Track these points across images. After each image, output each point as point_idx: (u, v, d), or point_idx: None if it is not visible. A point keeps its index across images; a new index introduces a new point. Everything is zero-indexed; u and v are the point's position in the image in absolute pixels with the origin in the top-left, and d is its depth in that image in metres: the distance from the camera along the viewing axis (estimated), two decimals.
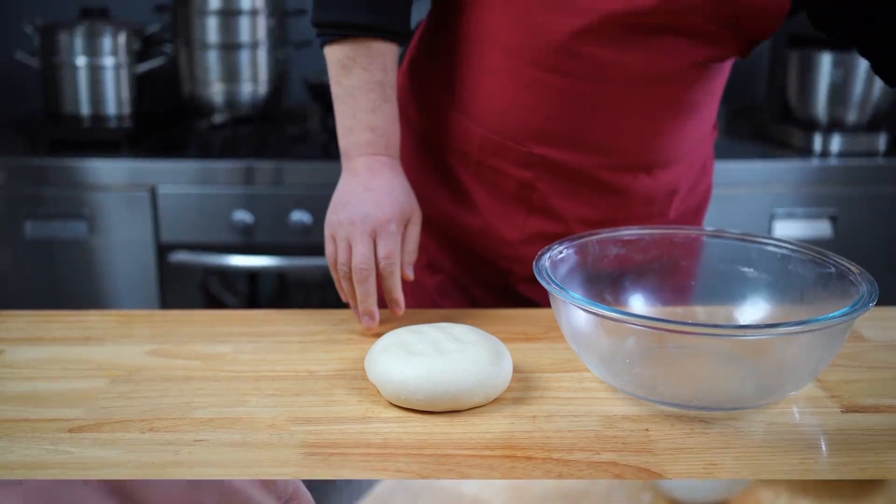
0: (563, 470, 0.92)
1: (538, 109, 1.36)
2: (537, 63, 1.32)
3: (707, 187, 1.60)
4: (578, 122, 1.35)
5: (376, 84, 1.31)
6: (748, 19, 1.28)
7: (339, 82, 1.33)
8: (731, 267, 1.24)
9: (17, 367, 1.17)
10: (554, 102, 1.34)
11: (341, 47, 1.31)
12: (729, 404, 1.05)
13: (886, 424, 1.02)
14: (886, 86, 1.37)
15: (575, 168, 1.39)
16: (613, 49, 1.29)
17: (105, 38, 2.74)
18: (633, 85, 1.33)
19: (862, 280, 1.07)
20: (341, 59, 1.31)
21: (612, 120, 1.36)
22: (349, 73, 1.31)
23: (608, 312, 1.01)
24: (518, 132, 1.37)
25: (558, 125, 1.36)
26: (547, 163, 1.39)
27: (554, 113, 1.35)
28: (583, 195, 1.42)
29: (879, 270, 1.21)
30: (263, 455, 0.95)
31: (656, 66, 1.32)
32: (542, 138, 1.37)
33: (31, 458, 0.94)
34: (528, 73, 1.34)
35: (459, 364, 1.05)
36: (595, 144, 1.37)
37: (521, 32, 1.32)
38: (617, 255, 1.26)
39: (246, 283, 2.74)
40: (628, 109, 1.35)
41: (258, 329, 1.29)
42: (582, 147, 1.37)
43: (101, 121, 2.78)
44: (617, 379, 1.08)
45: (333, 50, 1.32)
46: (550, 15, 1.29)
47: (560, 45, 1.29)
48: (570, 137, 1.37)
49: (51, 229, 2.54)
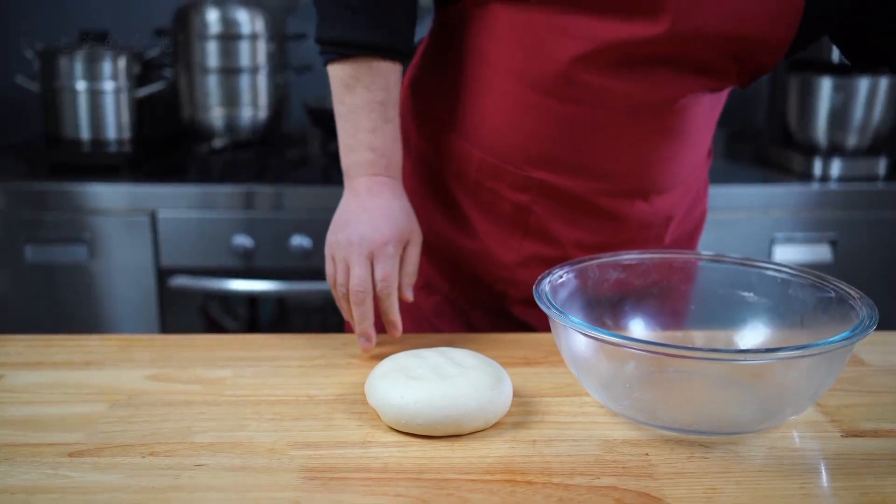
0: (564, 494, 0.92)
1: (536, 133, 1.36)
2: (537, 87, 1.32)
3: (702, 212, 1.61)
4: (576, 148, 1.36)
5: (378, 104, 1.31)
6: (752, 52, 1.29)
7: (341, 101, 1.33)
8: (730, 291, 1.24)
9: (16, 391, 1.17)
10: (552, 127, 1.34)
11: (343, 66, 1.31)
12: (729, 429, 1.04)
13: (887, 449, 1.02)
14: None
15: (572, 193, 1.39)
16: (613, 77, 1.29)
17: (105, 63, 2.75)
18: (631, 113, 1.33)
19: (862, 304, 1.07)
20: (344, 77, 1.31)
21: (610, 146, 1.36)
22: (352, 92, 1.31)
23: (608, 337, 1.01)
24: (516, 155, 1.38)
25: (556, 150, 1.36)
26: (544, 187, 1.39)
27: (552, 137, 1.35)
28: (579, 220, 1.42)
29: (879, 295, 1.22)
30: (263, 479, 0.95)
31: (656, 96, 1.32)
32: (539, 162, 1.37)
33: (31, 483, 0.94)
34: (528, 96, 1.34)
35: (460, 389, 1.05)
36: (592, 170, 1.37)
37: (523, 56, 1.32)
38: (617, 280, 1.26)
39: (246, 308, 2.75)
40: (626, 137, 1.35)
41: (258, 353, 1.29)
42: (579, 172, 1.37)
43: (101, 145, 2.78)
44: (617, 403, 1.08)
45: (336, 68, 1.32)
46: (553, 40, 1.29)
47: (560, 70, 1.30)
48: (568, 162, 1.37)
49: (51, 253, 2.54)
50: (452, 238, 1.49)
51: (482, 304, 1.55)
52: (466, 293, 1.55)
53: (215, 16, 2.77)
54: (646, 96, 1.32)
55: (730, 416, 1.06)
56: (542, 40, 1.30)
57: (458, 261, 1.51)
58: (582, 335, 1.03)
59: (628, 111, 1.33)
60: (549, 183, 1.38)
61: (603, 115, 1.32)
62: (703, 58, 1.29)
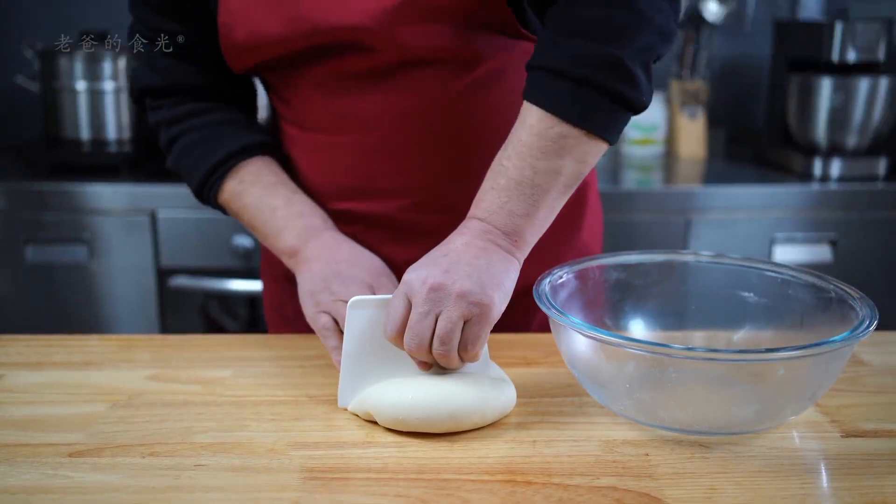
0: (563, 495, 0.92)
1: (323, 169, 1.37)
2: (310, 127, 1.36)
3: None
4: (362, 172, 1.35)
5: (275, 184, 1.35)
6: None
7: (242, 210, 1.37)
8: (730, 291, 1.24)
9: (17, 391, 1.17)
10: (333, 160, 1.36)
11: (224, 187, 1.37)
12: (729, 429, 1.05)
13: (886, 449, 1.02)
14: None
15: (379, 215, 1.37)
16: (359, 98, 1.31)
17: (105, 63, 2.75)
18: (395, 123, 1.31)
19: (862, 305, 1.07)
20: (231, 194, 1.37)
21: (393, 163, 1.34)
22: (245, 194, 1.36)
23: (608, 337, 1.01)
24: (318, 194, 1.39)
25: (347, 179, 1.36)
26: (353, 216, 1.37)
27: (338, 169, 1.36)
28: (398, 240, 1.38)
29: (879, 295, 1.22)
30: (263, 480, 0.95)
31: (405, 101, 1.30)
32: (339, 194, 1.37)
33: (31, 483, 0.94)
34: (304, 137, 1.38)
35: (456, 384, 1.05)
36: (387, 189, 1.35)
37: (290, 104, 1.38)
38: (617, 280, 1.26)
39: (246, 308, 2.74)
40: (404, 147, 1.32)
41: (258, 353, 1.29)
42: (371, 194, 1.36)
43: (101, 145, 2.78)
44: (617, 404, 1.08)
45: (223, 195, 1.37)
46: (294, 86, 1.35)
47: (318, 107, 1.34)
48: (362, 188, 1.35)
49: (51, 254, 2.54)
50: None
51: None
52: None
53: None
54: (399, 103, 1.30)
55: (730, 417, 1.06)
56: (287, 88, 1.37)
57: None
58: (582, 336, 1.03)
59: (391, 123, 1.31)
60: (356, 211, 1.37)
61: (372, 135, 1.32)
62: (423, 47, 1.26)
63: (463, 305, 1.04)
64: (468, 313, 1.05)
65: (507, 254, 1.10)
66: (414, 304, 1.06)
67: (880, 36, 2.72)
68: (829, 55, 2.74)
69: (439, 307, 1.05)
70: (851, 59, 2.73)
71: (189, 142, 1.38)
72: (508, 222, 1.11)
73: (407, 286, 1.07)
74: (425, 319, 1.05)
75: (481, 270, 1.07)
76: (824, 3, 3.25)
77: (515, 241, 1.11)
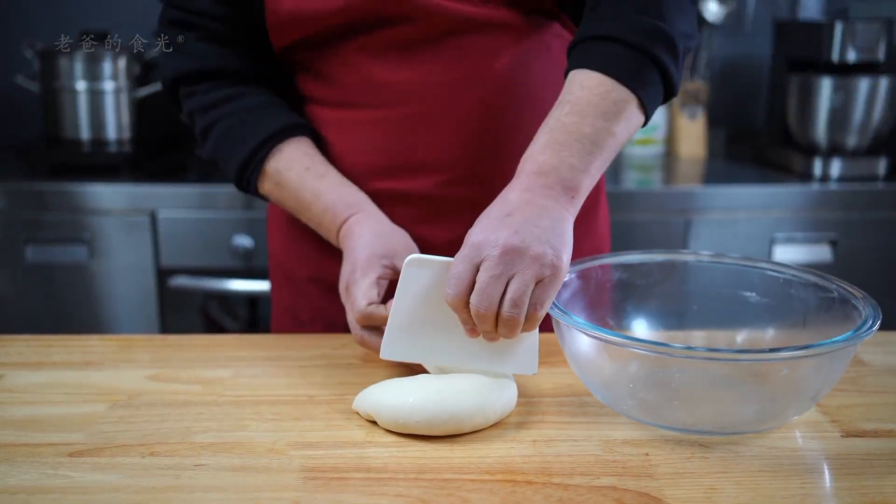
0: (564, 494, 0.92)
1: (359, 147, 1.36)
2: (346, 105, 1.36)
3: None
4: (400, 148, 1.35)
5: (316, 163, 1.34)
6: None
7: (284, 190, 1.35)
8: (732, 291, 1.24)
9: (17, 391, 1.17)
10: (369, 136, 1.35)
11: (265, 170, 1.35)
12: (732, 428, 1.05)
13: (887, 449, 1.02)
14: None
15: (413, 191, 1.37)
16: (398, 69, 1.31)
17: (105, 63, 2.75)
18: (434, 95, 1.32)
19: (865, 304, 1.07)
20: (272, 176, 1.35)
21: (431, 135, 1.34)
22: (287, 173, 1.34)
23: (612, 337, 1.01)
24: (355, 174, 1.37)
25: (384, 156, 1.36)
26: (392, 195, 1.37)
27: (375, 146, 1.36)
28: (437, 219, 1.38)
29: (879, 295, 1.21)
30: (263, 479, 0.95)
31: (445, 71, 1.31)
32: (377, 173, 1.36)
33: (31, 483, 0.94)
34: (337, 115, 1.37)
35: (458, 386, 1.05)
36: (423, 164, 1.35)
37: (324, 83, 1.37)
38: (619, 280, 1.25)
39: (246, 308, 2.74)
40: (442, 120, 1.33)
41: (258, 353, 1.29)
42: (411, 170, 1.36)
43: (101, 145, 2.78)
44: (620, 403, 1.08)
45: (264, 179, 1.36)
46: (338, 62, 1.34)
47: (356, 82, 1.34)
48: (400, 164, 1.36)
49: (51, 254, 2.54)
50: (332, 265, 1.43)
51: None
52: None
53: None
54: (439, 74, 1.31)
55: (733, 416, 1.07)
56: (331, 64, 1.35)
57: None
58: (586, 336, 1.03)
59: (430, 95, 1.32)
60: (394, 190, 1.37)
61: (410, 109, 1.33)
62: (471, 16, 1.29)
63: (536, 268, 1.03)
64: (540, 275, 1.03)
65: (565, 210, 1.09)
66: (485, 266, 1.03)
67: (880, 36, 2.72)
68: (829, 55, 2.74)
69: (512, 270, 1.03)
70: (851, 59, 2.73)
71: (225, 128, 1.37)
72: (569, 176, 1.10)
73: (474, 249, 1.05)
74: (497, 282, 1.03)
75: (549, 231, 1.06)
76: (824, 3, 3.25)
77: (573, 197, 1.11)
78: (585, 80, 1.15)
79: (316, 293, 1.47)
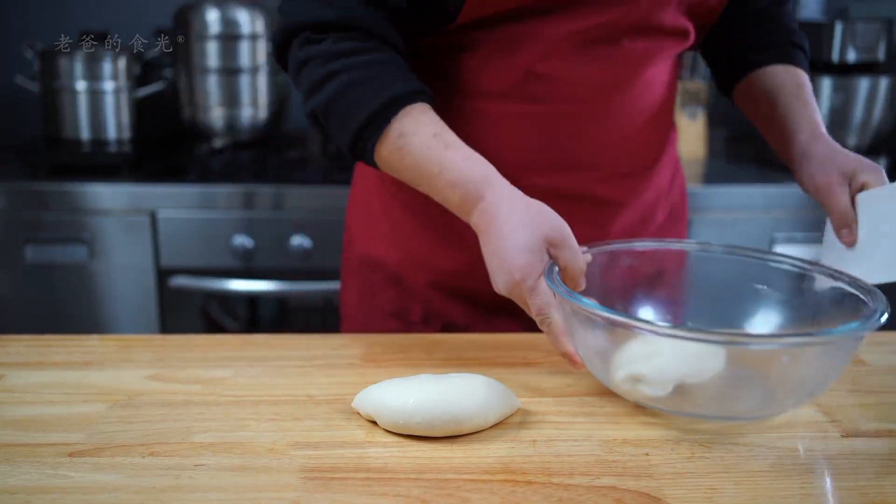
0: (564, 494, 0.92)
1: (520, 142, 1.35)
2: (503, 97, 1.34)
3: (681, 185, 1.61)
4: (562, 145, 1.36)
5: (430, 138, 1.21)
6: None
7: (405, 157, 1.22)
8: (743, 283, 1.24)
9: (17, 391, 1.16)
10: (533, 131, 1.35)
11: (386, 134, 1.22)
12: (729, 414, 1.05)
13: (887, 449, 1.02)
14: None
15: (568, 188, 1.38)
16: (575, 63, 1.31)
17: (105, 63, 2.75)
18: (602, 94, 1.34)
19: (874, 300, 1.07)
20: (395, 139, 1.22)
21: (592, 133, 1.36)
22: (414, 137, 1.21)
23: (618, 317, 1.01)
24: (507, 169, 1.28)
25: (542, 152, 1.36)
26: (545, 192, 1.32)
27: (535, 142, 1.35)
28: (578, 213, 1.35)
29: None
30: (263, 479, 0.95)
31: (620, 72, 1.34)
32: (533, 169, 1.36)
33: (31, 483, 0.94)
34: (502, 108, 1.34)
35: (458, 387, 1.05)
36: (581, 161, 1.37)
37: (488, 71, 1.33)
38: (630, 267, 1.26)
39: (246, 308, 2.74)
40: (605, 119, 1.36)
41: (258, 353, 1.29)
42: (569, 167, 1.37)
43: (101, 145, 2.78)
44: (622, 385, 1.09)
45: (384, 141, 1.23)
46: (511, 49, 1.30)
47: (524, 73, 1.31)
48: (557, 161, 1.37)
49: (51, 254, 2.54)
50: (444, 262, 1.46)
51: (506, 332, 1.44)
52: (487, 321, 1.49)
53: (215, 16, 2.77)
54: (615, 74, 1.33)
55: (732, 402, 1.07)
56: (503, 52, 1.31)
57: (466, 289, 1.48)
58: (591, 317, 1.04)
59: (600, 95, 1.34)
60: (549, 186, 1.36)
61: (577, 105, 1.33)
62: (660, 22, 1.31)
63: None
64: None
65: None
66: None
67: (880, 36, 2.72)
68: (829, 55, 2.74)
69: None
70: (851, 59, 2.73)
71: (349, 80, 1.23)
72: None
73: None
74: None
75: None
76: (824, 3, 3.25)
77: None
78: (796, 74, 1.49)
79: (437, 298, 1.49)
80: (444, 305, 1.50)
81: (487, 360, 1.25)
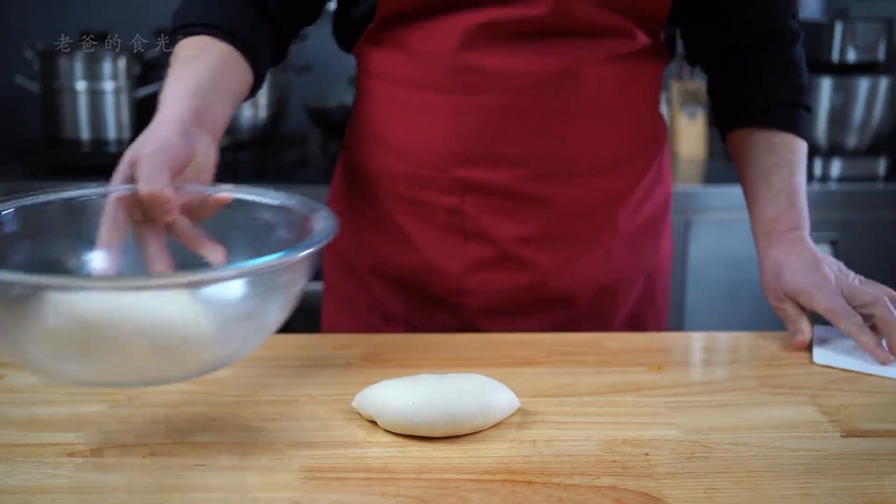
0: (564, 494, 0.92)
1: (447, 133, 1.36)
2: (432, 87, 1.34)
3: (665, 197, 1.56)
4: (489, 138, 1.35)
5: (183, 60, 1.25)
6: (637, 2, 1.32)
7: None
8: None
9: (17, 391, 1.16)
10: (460, 123, 1.35)
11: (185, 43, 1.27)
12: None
13: (887, 449, 1.02)
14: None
15: (496, 185, 1.37)
16: (504, 56, 1.31)
17: (105, 63, 2.75)
18: (533, 90, 1.33)
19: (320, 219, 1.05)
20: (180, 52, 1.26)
21: (521, 129, 1.34)
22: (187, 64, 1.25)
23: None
24: (436, 160, 1.37)
25: (471, 144, 1.35)
26: (469, 185, 1.37)
27: (463, 133, 1.35)
28: (511, 212, 1.39)
29: None
30: (263, 480, 0.95)
31: (553, 67, 1.32)
32: (459, 161, 1.36)
33: (31, 483, 0.94)
34: (426, 98, 1.35)
35: (459, 387, 1.05)
36: (510, 157, 1.36)
37: (414, 62, 1.35)
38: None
39: None
40: (535, 116, 1.34)
41: (258, 353, 1.28)
42: (498, 161, 1.36)
43: (101, 145, 2.79)
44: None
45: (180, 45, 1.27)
46: (434, 39, 1.32)
47: (448, 62, 1.32)
48: (486, 154, 1.36)
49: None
50: (394, 256, 1.47)
51: (442, 326, 1.49)
52: (425, 315, 1.51)
53: None
54: (543, 69, 1.32)
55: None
56: (427, 41, 1.33)
57: (407, 280, 1.49)
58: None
59: (529, 90, 1.32)
60: (474, 179, 1.37)
61: (505, 98, 1.33)
62: (592, 20, 1.30)
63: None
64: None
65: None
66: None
67: (880, 36, 2.72)
68: (829, 55, 2.74)
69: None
70: (851, 59, 2.74)
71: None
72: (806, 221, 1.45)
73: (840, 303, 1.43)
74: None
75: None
76: (824, 3, 3.25)
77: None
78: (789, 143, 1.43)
79: (377, 285, 1.50)
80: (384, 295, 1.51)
81: (487, 360, 1.25)
